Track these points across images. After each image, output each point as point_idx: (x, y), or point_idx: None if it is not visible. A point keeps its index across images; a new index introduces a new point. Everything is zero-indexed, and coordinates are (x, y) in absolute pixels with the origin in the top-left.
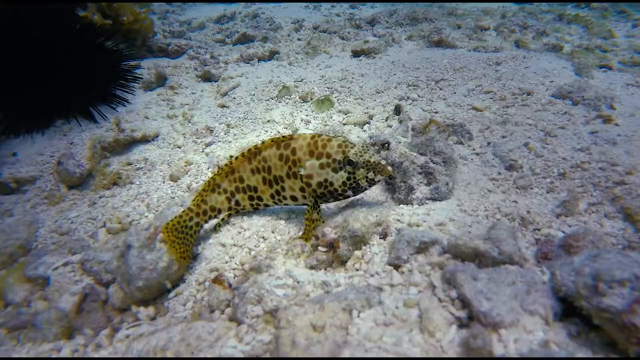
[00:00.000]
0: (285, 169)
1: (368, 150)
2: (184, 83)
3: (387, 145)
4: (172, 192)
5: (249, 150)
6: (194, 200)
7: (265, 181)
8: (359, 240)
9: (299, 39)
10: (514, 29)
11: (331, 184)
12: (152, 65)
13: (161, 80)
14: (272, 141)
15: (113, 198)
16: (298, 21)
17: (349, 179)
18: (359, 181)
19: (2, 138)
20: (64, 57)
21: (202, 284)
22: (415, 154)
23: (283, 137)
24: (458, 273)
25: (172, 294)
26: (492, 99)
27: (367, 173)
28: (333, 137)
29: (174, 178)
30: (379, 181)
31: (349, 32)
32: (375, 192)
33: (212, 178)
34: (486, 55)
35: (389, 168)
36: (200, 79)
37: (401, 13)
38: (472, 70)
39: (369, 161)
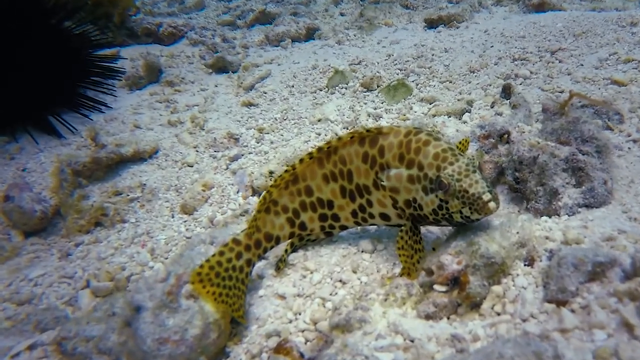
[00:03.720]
0: (372, 176)
1: (473, 172)
2: (188, 76)
3: (506, 135)
4: (187, 230)
5: (320, 148)
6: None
7: (344, 192)
8: (497, 270)
9: (341, 14)
10: None
11: (420, 207)
12: (138, 55)
13: (154, 75)
14: (352, 136)
15: (97, 245)
16: None
17: (440, 207)
18: (452, 214)
19: None
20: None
21: (258, 357)
22: (553, 144)
23: (368, 130)
24: None
25: None
26: (636, 69)
27: (462, 207)
28: (435, 137)
29: (187, 209)
30: (477, 220)
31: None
32: None
33: (267, 192)
34: (615, 15)
35: (492, 205)
36: (211, 70)
37: None
38: (600, 35)
39: (467, 192)
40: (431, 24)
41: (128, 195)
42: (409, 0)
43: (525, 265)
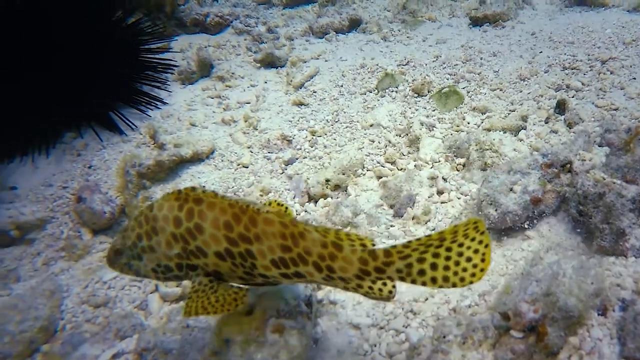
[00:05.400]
0: None
1: None
2: (237, 71)
3: (569, 165)
4: None
5: None
6: None
7: None
8: (574, 322)
9: None
10: None
11: None
12: (187, 46)
13: (206, 69)
14: None
15: None
16: None
17: None
18: None
19: None
20: (65, 38)
21: None
22: (619, 182)
23: None
24: None
25: None
26: None
27: None
28: None
29: None
30: None
31: None
32: (557, 232)
33: None
34: None
35: None
36: (259, 64)
37: None
38: None
39: None
40: (476, 22)
41: None
42: None
43: (598, 314)
